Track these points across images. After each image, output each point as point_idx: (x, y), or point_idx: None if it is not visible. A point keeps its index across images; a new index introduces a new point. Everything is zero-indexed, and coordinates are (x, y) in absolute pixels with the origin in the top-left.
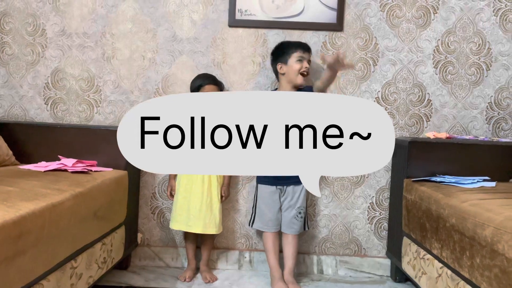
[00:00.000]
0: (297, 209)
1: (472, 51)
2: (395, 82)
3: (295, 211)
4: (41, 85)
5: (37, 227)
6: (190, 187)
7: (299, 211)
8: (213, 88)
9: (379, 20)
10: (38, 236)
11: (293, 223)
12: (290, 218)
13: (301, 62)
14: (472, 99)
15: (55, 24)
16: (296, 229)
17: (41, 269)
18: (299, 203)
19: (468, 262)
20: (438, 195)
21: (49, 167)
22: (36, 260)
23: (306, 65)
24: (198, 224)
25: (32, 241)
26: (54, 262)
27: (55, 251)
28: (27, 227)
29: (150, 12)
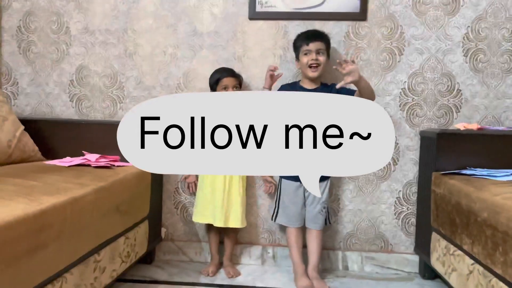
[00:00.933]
0: (321, 203)
1: (504, 38)
2: (422, 72)
3: (319, 206)
4: (66, 82)
5: (59, 221)
6: (212, 181)
7: (324, 205)
8: (231, 81)
9: (405, 7)
10: (60, 229)
11: (318, 218)
12: (315, 214)
13: (307, 55)
14: (505, 88)
15: (78, 21)
16: (320, 224)
17: (64, 262)
18: (323, 197)
19: (501, 258)
20: (468, 188)
21: (72, 162)
22: (59, 253)
23: (313, 56)
24: (221, 217)
25: (54, 235)
26: (77, 256)
27: (78, 244)
28: (48, 221)
29: (171, 7)
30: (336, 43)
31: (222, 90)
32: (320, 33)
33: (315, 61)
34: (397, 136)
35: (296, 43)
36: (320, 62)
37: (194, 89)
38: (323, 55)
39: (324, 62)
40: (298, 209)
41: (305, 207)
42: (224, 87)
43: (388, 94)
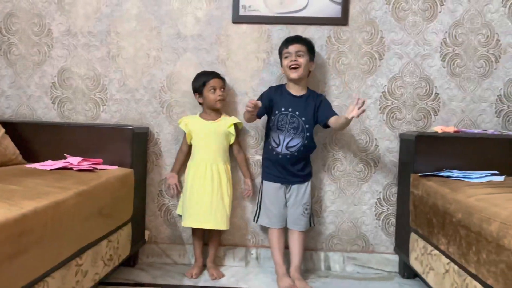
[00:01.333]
0: (303, 205)
1: (480, 43)
2: (401, 76)
3: (301, 208)
4: (48, 84)
5: (40, 225)
6: (199, 183)
7: (305, 207)
8: (219, 82)
9: (385, 13)
10: (41, 234)
11: (300, 219)
12: (297, 215)
13: (288, 57)
14: (481, 92)
15: (60, 23)
16: (302, 226)
17: (45, 267)
18: (304, 199)
19: (474, 257)
20: (444, 190)
21: (54, 166)
22: (40, 258)
23: (292, 58)
24: (209, 219)
25: (35, 239)
26: (59, 260)
27: (59, 248)
28: (29, 225)
29: (154, 10)
30: (319, 48)
31: (210, 92)
32: (299, 37)
33: (294, 62)
34: (378, 138)
35: (279, 49)
36: (299, 63)
37: (177, 91)
38: (303, 57)
39: (304, 63)
40: (279, 210)
41: (286, 208)
42: (212, 88)
43: (369, 97)
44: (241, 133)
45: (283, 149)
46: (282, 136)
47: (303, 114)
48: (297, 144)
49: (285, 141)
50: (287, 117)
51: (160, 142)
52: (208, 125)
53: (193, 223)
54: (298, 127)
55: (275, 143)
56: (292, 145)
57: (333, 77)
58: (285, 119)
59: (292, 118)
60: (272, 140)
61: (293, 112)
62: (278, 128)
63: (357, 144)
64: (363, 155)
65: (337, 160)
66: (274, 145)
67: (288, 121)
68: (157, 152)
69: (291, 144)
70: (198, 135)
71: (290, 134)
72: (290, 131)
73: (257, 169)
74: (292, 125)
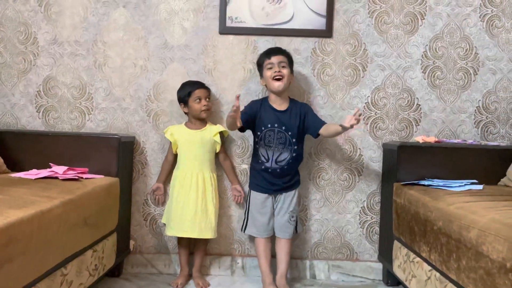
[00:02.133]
0: (290, 213)
1: (459, 56)
2: (384, 87)
3: (288, 215)
4: (32, 93)
5: (26, 235)
6: (184, 192)
7: (292, 215)
8: (204, 92)
9: (368, 26)
10: (26, 243)
11: (287, 227)
12: (284, 223)
13: (271, 68)
14: (460, 104)
15: (46, 32)
16: (289, 233)
17: (30, 277)
18: (291, 207)
19: (455, 264)
20: (425, 198)
21: (39, 175)
22: (25, 267)
23: (276, 69)
24: (194, 228)
25: (20, 249)
26: (44, 270)
27: (44, 258)
28: (14, 235)
29: (141, 20)
30: (304, 59)
31: (195, 102)
32: (280, 49)
33: (278, 73)
34: (362, 148)
35: (259, 61)
36: (283, 74)
37: (164, 101)
38: (286, 68)
39: (287, 75)
40: (266, 220)
41: (273, 218)
42: (197, 98)
43: (353, 108)
44: (228, 142)
45: (273, 164)
46: (271, 152)
47: (289, 128)
48: (285, 158)
49: (274, 156)
50: (274, 133)
51: (146, 151)
52: (193, 134)
53: (178, 232)
54: (286, 142)
55: (264, 159)
56: (281, 160)
57: (318, 88)
58: (272, 135)
59: (279, 133)
60: (261, 155)
61: (280, 128)
62: (266, 144)
63: (341, 154)
64: (348, 164)
65: (322, 169)
66: (264, 160)
67: (276, 136)
68: (143, 161)
69: (280, 158)
70: (184, 144)
71: (278, 150)
72: (278, 146)
73: (243, 177)
74: (280, 140)
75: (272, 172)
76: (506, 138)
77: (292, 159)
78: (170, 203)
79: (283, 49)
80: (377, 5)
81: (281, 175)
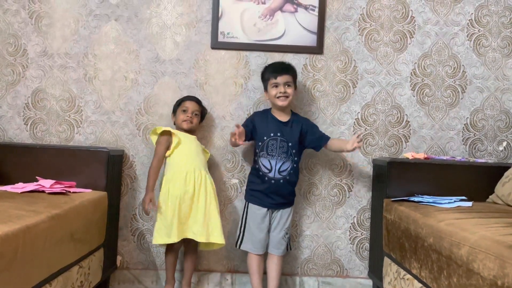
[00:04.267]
0: (285, 229)
1: (447, 74)
2: (374, 104)
3: (283, 232)
4: (21, 105)
5: (10, 250)
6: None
7: (286, 231)
8: (193, 105)
9: (358, 43)
10: (11, 259)
11: (281, 243)
12: (279, 239)
13: (276, 87)
14: (448, 121)
15: (36, 44)
16: (282, 250)
17: None
18: (287, 224)
19: (445, 281)
20: (416, 214)
21: (26, 188)
22: (9, 284)
23: (281, 90)
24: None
25: (4, 264)
26: (28, 286)
27: (29, 274)
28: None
29: (133, 33)
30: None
31: (182, 112)
32: (287, 67)
33: (283, 94)
34: (352, 164)
35: (264, 75)
36: (288, 94)
37: (155, 114)
38: (291, 87)
39: (292, 93)
40: (263, 236)
41: (268, 234)
42: (184, 109)
43: (343, 124)
44: (219, 157)
45: (276, 174)
46: (274, 161)
47: (289, 139)
48: (287, 168)
49: (277, 165)
50: (277, 142)
51: (135, 165)
52: (190, 137)
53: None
54: (287, 152)
55: (267, 169)
56: (283, 169)
57: (309, 103)
58: (275, 144)
59: (281, 142)
60: (262, 166)
61: (282, 137)
62: (268, 153)
63: (332, 169)
64: (338, 180)
65: (313, 184)
66: (266, 171)
67: (278, 145)
68: (132, 175)
69: (283, 168)
70: (184, 143)
71: (281, 159)
72: (281, 155)
73: (233, 192)
74: (282, 149)
75: (276, 182)
76: (494, 155)
77: (293, 170)
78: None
79: (289, 67)
80: (367, 23)
81: (285, 186)
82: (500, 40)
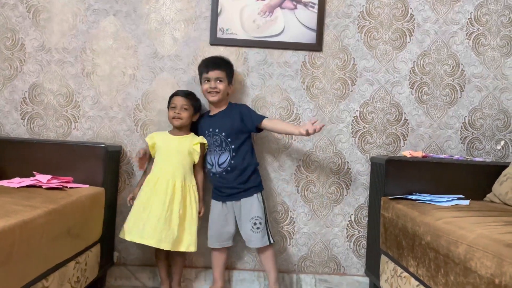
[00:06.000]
0: (250, 220)
1: (446, 73)
2: (372, 102)
3: (249, 223)
4: (18, 99)
5: (7, 245)
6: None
7: (254, 222)
8: (180, 100)
9: (357, 41)
10: (7, 254)
11: (250, 235)
12: (247, 231)
13: (208, 82)
14: (447, 119)
15: (34, 39)
16: (255, 242)
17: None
18: (252, 213)
19: (443, 279)
20: (414, 212)
21: (22, 183)
22: (5, 279)
23: (211, 84)
24: (154, 236)
25: (1, 260)
26: (24, 282)
27: (26, 270)
28: None
29: (132, 29)
30: (294, 72)
31: (171, 109)
32: (219, 62)
33: (214, 90)
34: (350, 161)
35: (199, 69)
36: (218, 89)
37: (153, 110)
38: (222, 82)
39: (224, 88)
40: (219, 229)
41: (226, 228)
42: (172, 106)
43: (342, 121)
44: None
45: (217, 168)
46: (213, 156)
47: (222, 129)
48: (226, 159)
49: (215, 159)
50: (210, 137)
51: (133, 161)
52: (171, 139)
53: (136, 237)
54: (222, 143)
55: (210, 165)
56: (222, 162)
57: (308, 100)
58: (210, 140)
59: (214, 136)
60: (207, 164)
61: (214, 131)
62: (209, 150)
63: (329, 167)
64: (336, 177)
65: (310, 182)
66: (210, 167)
67: (212, 140)
68: (130, 171)
69: (221, 160)
70: (160, 148)
71: (217, 152)
72: (216, 149)
73: None
74: (216, 143)
75: (219, 176)
76: (491, 154)
77: (233, 160)
78: (134, 206)
79: (223, 62)
80: (366, 21)
81: (228, 178)
82: (499, 39)
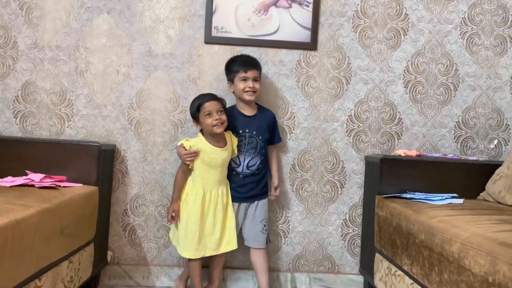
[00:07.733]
0: (261, 222)
1: (440, 72)
2: (367, 101)
3: (260, 224)
4: (10, 98)
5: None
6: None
7: (264, 223)
8: (214, 104)
9: (352, 40)
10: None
11: (259, 236)
12: (256, 232)
13: (245, 81)
14: (440, 118)
15: (27, 36)
16: (262, 243)
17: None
18: (263, 215)
19: (436, 278)
20: (408, 211)
21: (15, 182)
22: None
23: (250, 84)
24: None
25: None
26: (17, 281)
27: (18, 269)
28: None
29: (126, 27)
30: (288, 70)
31: (206, 117)
32: (256, 62)
33: (252, 89)
34: (344, 160)
35: (232, 67)
36: (256, 89)
37: (147, 109)
38: (258, 82)
39: (259, 88)
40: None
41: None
42: (207, 113)
43: (336, 120)
44: None
45: (244, 169)
46: (242, 157)
47: (259, 133)
48: (256, 162)
49: (245, 161)
50: (245, 138)
51: (127, 160)
52: (217, 153)
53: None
54: (257, 147)
55: (235, 164)
56: (252, 164)
57: (302, 99)
58: (244, 141)
59: (250, 138)
60: (232, 162)
61: (251, 132)
62: (239, 150)
63: (324, 166)
64: (330, 176)
65: (305, 181)
66: (234, 166)
67: (247, 141)
68: (124, 170)
69: (251, 163)
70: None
71: (250, 154)
72: (250, 151)
73: None
74: (251, 145)
75: (244, 177)
76: (485, 153)
77: (261, 164)
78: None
79: (258, 62)
80: (361, 20)
81: (253, 180)
82: (493, 39)
